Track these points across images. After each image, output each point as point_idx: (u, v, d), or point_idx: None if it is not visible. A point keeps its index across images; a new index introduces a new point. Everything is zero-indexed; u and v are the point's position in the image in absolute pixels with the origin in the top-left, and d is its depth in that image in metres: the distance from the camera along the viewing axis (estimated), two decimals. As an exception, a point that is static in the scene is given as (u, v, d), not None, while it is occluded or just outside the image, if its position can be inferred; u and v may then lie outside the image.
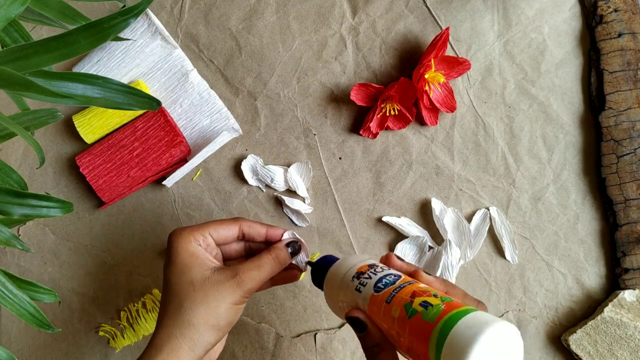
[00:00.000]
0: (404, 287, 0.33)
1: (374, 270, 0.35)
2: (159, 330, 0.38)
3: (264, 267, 0.39)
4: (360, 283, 0.35)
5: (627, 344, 0.48)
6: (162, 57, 0.52)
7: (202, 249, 0.39)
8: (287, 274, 0.43)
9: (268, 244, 0.43)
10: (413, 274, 0.36)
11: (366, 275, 0.35)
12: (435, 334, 0.29)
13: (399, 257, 0.38)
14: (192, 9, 0.53)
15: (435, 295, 0.31)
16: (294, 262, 0.42)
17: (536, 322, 0.51)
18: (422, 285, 0.33)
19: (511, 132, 0.52)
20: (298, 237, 0.43)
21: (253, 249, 0.44)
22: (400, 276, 0.35)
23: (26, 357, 0.53)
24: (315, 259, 0.48)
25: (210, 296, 0.37)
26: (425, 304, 0.31)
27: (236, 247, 0.44)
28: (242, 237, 0.43)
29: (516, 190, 0.52)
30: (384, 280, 0.34)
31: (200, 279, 0.38)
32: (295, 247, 0.42)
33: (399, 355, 0.34)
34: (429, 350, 0.29)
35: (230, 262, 0.44)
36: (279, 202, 0.53)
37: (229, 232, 0.41)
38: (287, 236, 0.42)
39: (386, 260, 0.38)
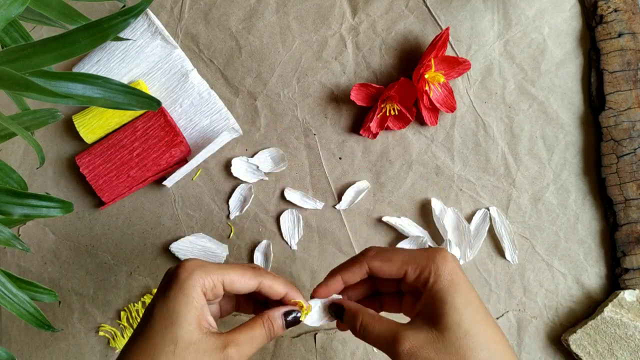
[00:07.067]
0: None
1: None
2: None
3: (256, 340, 0.34)
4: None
5: (627, 344, 0.48)
6: (162, 57, 0.52)
7: (203, 302, 0.34)
8: None
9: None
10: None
11: None
12: None
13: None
14: (192, 9, 0.53)
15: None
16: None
17: (536, 322, 0.51)
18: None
19: (511, 132, 0.52)
20: (305, 302, 0.37)
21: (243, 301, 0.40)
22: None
23: (26, 357, 0.53)
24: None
25: None
26: None
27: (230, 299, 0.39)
28: (253, 292, 0.37)
29: (516, 190, 0.52)
30: None
31: (186, 341, 0.32)
32: (294, 318, 0.36)
33: None
34: None
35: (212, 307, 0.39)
36: (279, 203, 0.53)
37: (245, 286, 0.35)
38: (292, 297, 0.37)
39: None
